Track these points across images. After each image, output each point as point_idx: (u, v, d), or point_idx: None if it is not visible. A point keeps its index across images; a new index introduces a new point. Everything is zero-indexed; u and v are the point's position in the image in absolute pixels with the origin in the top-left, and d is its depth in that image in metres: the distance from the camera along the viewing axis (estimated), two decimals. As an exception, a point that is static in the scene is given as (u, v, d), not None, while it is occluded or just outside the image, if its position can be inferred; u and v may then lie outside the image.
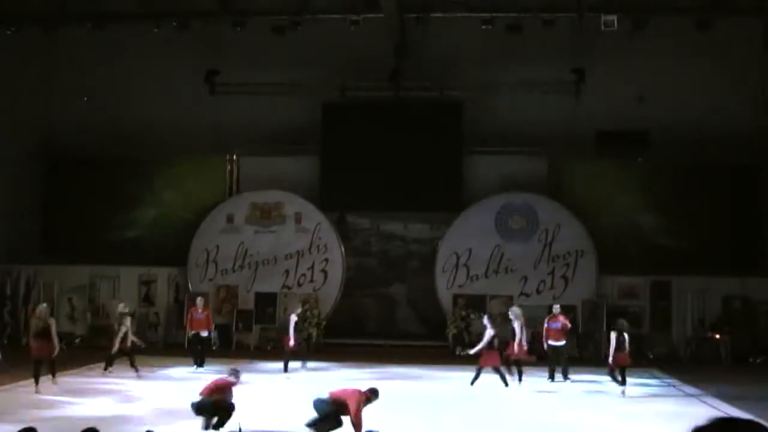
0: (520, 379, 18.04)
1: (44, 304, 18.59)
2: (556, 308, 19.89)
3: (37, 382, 16.56)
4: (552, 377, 18.87)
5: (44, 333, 17.15)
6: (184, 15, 24.87)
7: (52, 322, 17.54)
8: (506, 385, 17.58)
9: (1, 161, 26.41)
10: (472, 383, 17.71)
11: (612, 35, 23.80)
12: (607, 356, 18.09)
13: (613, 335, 17.87)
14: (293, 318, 19.94)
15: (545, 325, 19.65)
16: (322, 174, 26.76)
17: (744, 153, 25.51)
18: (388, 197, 26.24)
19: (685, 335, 24.99)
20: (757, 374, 21.53)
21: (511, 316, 18.64)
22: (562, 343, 19.17)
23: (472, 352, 18.29)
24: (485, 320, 18.44)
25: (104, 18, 24.83)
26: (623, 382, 17.65)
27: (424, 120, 26.38)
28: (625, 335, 17.93)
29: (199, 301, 21.48)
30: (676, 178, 26.11)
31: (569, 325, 19.69)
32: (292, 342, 19.69)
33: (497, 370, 17.74)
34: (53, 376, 17.32)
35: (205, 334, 20.75)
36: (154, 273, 26.70)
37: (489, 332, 17.86)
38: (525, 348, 18.52)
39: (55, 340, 17.24)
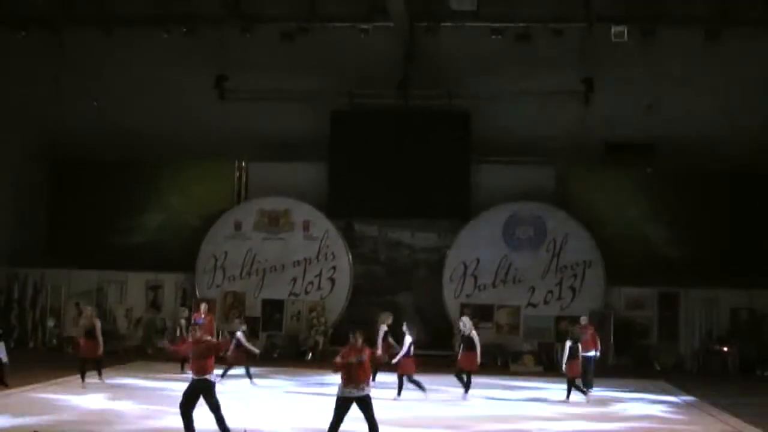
0: (466, 390, 17.88)
1: (90, 306, 19.78)
2: (584, 319, 19.83)
3: (83, 379, 17.84)
4: (590, 386, 18.91)
5: (91, 333, 18.26)
6: (193, 20, 24.94)
7: (97, 322, 18.59)
8: (423, 390, 17.30)
9: (9, 164, 26.49)
10: (398, 394, 17.43)
11: (621, 46, 23.81)
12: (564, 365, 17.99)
13: (568, 344, 17.86)
14: (383, 328, 19.60)
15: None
16: (330, 182, 26.76)
17: (752, 164, 25.47)
18: (395, 205, 26.23)
19: (692, 347, 24.94)
20: (765, 386, 21.46)
21: (462, 328, 18.45)
22: (592, 353, 19.14)
23: (394, 361, 17.70)
24: (404, 328, 18.32)
25: (112, 22, 24.92)
26: (573, 390, 17.70)
27: (433, 129, 26.36)
28: (579, 345, 17.98)
29: (203, 306, 21.51)
30: (684, 189, 26.04)
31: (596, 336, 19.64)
32: (380, 352, 19.33)
33: (411, 379, 17.53)
34: (99, 375, 18.25)
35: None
36: (162, 279, 26.75)
37: (408, 339, 17.80)
38: (479, 360, 18.27)
39: (100, 339, 18.30)
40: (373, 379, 18.72)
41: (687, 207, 25.81)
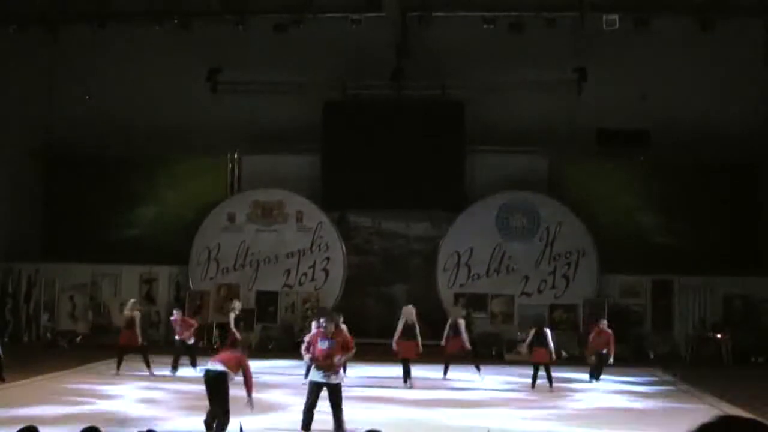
0: (406, 376, 18.03)
1: (132, 299, 20.50)
2: (604, 324, 19.75)
3: (119, 367, 18.55)
4: (596, 378, 19.05)
5: (131, 324, 19.04)
6: (185, 13, 24.87)
7: (136, 314, 19.35)
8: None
9: (3, 159, 26.42)
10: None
11: (614, 34, 23.78)
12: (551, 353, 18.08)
13: (532, 331, 18.04)
14: (461, 322, 19.40)
15: (591, 332, 19.76)
16: (324, 173, 26.74)
17: (745, 152, 25.52)
18: (389, 196, 26.20)
19: (686, 334, 24.99)
20: (759, 373, 21.55)
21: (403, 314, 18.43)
22: (604, 351, 19.29)
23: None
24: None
25: (106, 16, 24.84)
26: (535, 381, 17.86)
27: (426, 119, 26.35)
28: (547, 331, 18.07)
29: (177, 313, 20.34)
30: (677, 176, 26.11)
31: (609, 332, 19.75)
32: (467, 344, 19.26)
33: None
34: (148, 367, 18.57)
35: (191, 341, 20.21)
36: (156, 271, 26.73)
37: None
38: (420, 347, 18.39)
39: (138, 331, 19.05)
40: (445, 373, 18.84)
41: (680, 195, 25.86)
